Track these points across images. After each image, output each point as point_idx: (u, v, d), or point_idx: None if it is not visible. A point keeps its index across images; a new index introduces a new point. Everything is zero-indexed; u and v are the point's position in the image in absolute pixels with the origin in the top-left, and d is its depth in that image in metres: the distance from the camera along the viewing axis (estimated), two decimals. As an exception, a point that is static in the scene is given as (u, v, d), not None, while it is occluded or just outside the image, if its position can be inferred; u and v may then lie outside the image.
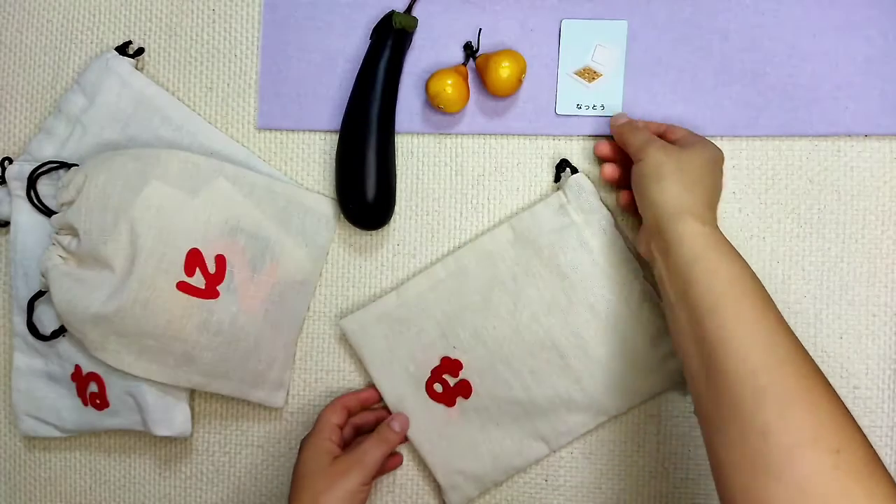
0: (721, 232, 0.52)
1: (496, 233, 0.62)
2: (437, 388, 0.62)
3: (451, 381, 0.62)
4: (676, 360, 0.59)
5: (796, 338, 0.47)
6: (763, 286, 0.49)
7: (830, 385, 0.45)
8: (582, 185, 0.60)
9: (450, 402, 0.62)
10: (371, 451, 0.59)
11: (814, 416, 0.42)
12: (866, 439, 0.43)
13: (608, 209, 0.61)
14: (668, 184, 0.52)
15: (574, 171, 0.61)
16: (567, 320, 0.59)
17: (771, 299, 0.49)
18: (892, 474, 0.60)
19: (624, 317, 0.59)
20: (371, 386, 0.65)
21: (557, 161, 0.62)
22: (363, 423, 0.64)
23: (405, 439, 0.63)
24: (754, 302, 0.47)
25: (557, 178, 0.62)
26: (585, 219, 0.60)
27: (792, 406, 0.42)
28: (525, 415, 0.61)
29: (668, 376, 0.60)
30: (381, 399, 0.64)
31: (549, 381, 0.60)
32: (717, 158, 0.56)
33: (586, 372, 0.59)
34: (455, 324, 0.62)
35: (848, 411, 0.44)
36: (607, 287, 0.59)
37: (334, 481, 0.56)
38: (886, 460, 0.61)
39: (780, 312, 0.48)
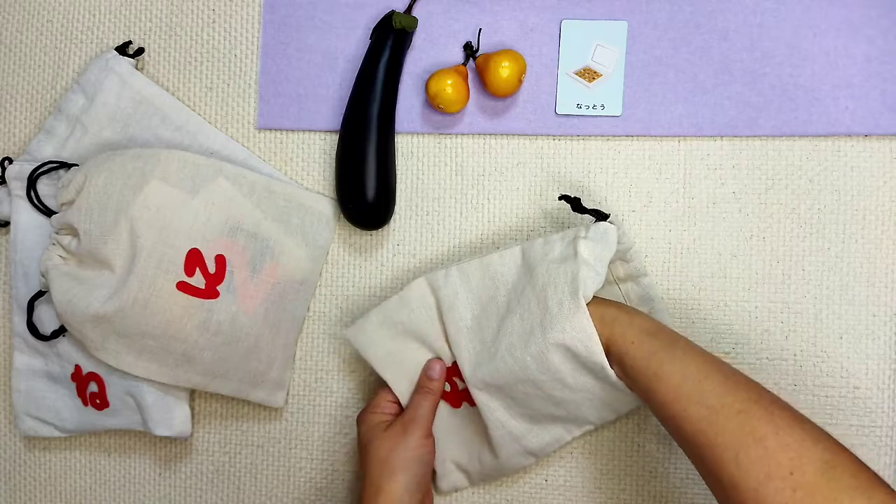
0: (609, 308, 0.54)
1: (507, 255, 0.59)
2: (447, 387, 0.62)
3: (460, 385, 0.61)
4: None
5: (724, 368, 0.49)
6: (679, 342, 0.51)
7: (774, 401, 0.46)
8: (608, 236, 0.55)
9: (456, 404, 0.62)
10: (419, 405, 0.60)
11: (762, 448, 0.43)
12: (823, 447, 0.43)
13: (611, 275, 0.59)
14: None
15: (599, 215, 0.57)
16: (543, 358, 0.54)
17: (687, 350, 0.50)
18: (893, 475, 0.61)
19: (601, 366, 0.53)
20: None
21: (562, 179, 0.62)
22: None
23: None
24: (674, 368, 0.49)
25: (576, 209, 0.57)
26: (587, 260, 0.54)
27: (743, 449, 0.44)
28: (509, 437, 0.59)
29: None
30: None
31: (527, 404, 0.58)
32: None
33: (568, 397, 0.56)
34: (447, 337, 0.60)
35: (800, 422, 0.45)
36: (588, 333, 0.53)
37: (397, 442, 0.58)
38: (886, 461, 0.61)
39: (701, 357, 0.50)
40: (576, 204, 0.57)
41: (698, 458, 0.47)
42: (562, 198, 0.58)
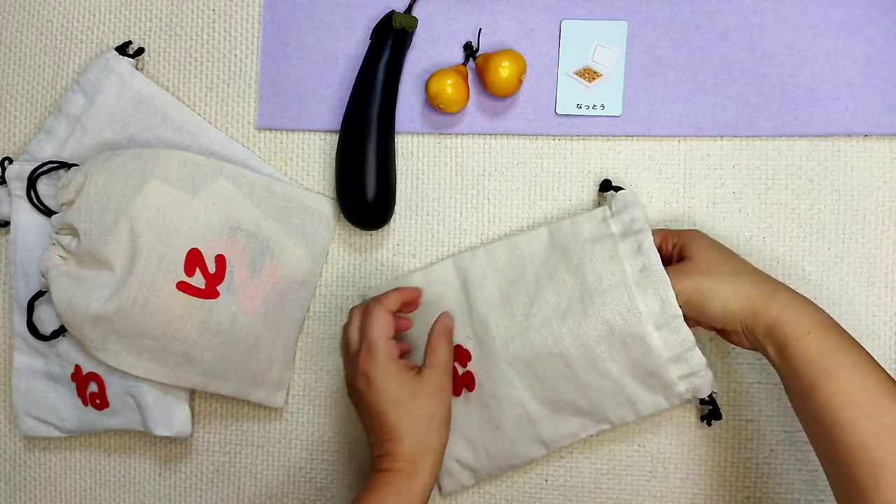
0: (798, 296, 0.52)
1: (533, 235, 0.61)
2: None
3: (460, 370, 0.61)
4: (689, 382, 0.56)
5: None
6: (856, 345, 0.49)
7: None
8: (628, 201, 0.58)
9: (455, 392, 0.61)
10: (443, 350, 0.59)
11: None
12: None
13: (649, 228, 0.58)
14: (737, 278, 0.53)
15: (618, 189, 0.60)
16: (579, 332, 0.56)
17: (866, 356, 0.49)
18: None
19: (640, 338, 0.55)
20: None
21: (601, 179, 0.62)
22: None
23: None
24: (852, 372, 0.47)
25: (604, 189, 0.61)
26: (623, 232, 0.57)
27: None
28: (526, 418, 0.60)
29: (679, 396, 0.57)
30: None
31: (552, 385, 0.58)
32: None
33: (593, 384, 0.57)
34: (473, 315, 0.61)
35: None
36: (627, 306, 0.55)
37: (440, 399, 0.57)
38: (886, 460, 0.61)
39: (880, 369, 0.48)
40: (604, 187, 0.62)
41: (846, 468, 0.45)
42: (604, 183, 0.62)
